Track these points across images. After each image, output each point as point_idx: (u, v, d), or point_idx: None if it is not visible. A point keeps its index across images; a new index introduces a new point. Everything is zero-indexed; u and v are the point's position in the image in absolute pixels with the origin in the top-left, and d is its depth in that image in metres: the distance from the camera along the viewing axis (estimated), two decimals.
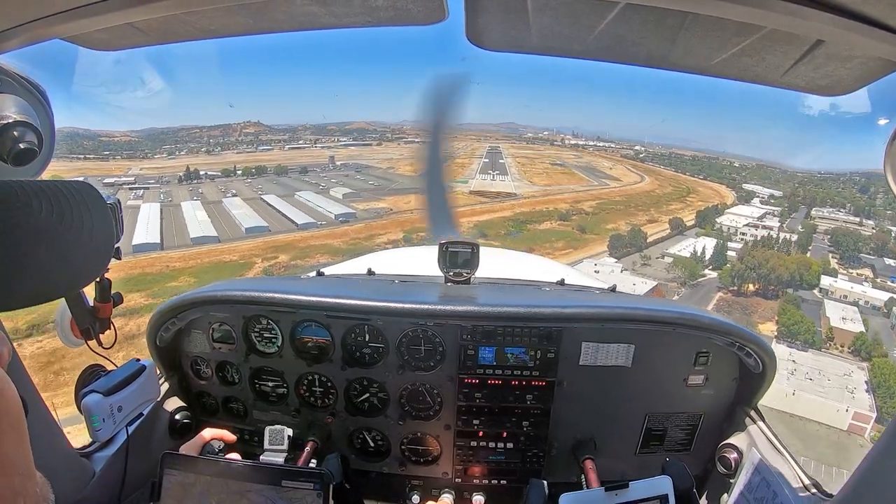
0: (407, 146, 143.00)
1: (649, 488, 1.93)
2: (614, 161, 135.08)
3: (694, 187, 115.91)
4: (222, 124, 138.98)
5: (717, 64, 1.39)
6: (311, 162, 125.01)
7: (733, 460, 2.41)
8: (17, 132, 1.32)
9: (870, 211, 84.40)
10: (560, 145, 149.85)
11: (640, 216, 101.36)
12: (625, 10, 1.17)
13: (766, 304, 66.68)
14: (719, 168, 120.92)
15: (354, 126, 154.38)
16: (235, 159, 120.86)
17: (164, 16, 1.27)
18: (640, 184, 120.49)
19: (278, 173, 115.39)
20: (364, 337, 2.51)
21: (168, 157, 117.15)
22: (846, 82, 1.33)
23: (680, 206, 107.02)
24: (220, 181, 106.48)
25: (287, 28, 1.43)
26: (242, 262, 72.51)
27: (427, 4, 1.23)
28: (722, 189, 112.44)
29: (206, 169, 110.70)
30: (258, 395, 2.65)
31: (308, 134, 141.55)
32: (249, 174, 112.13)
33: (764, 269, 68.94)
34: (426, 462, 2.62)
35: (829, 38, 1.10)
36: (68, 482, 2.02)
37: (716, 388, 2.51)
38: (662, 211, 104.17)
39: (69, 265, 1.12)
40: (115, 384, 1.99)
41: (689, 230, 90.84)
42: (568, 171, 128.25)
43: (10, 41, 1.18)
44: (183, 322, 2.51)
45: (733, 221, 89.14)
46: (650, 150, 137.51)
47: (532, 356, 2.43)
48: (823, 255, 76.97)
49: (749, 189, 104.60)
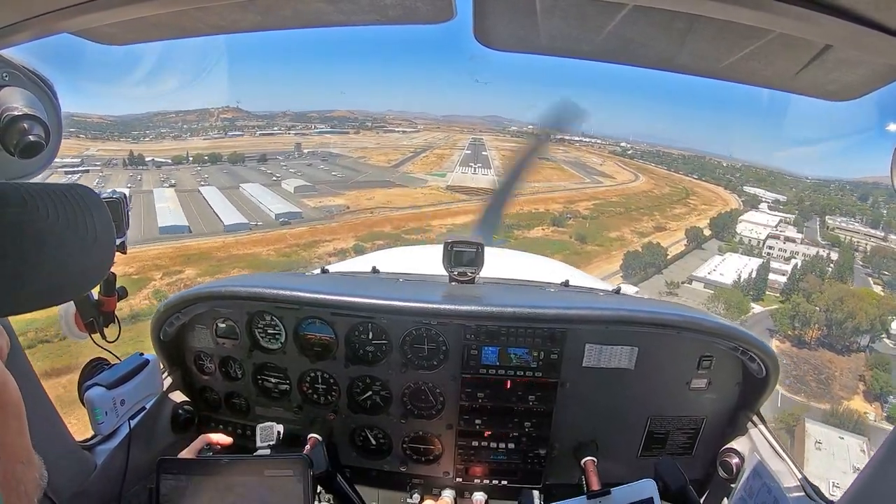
0: (385, 135, 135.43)
1: (633, 493, 1.94)
2: (603, 157, 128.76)
3: (691, 188, 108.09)
4: (199, 109, 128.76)
5: (724, 67, 1.39)
6: (275, 150, 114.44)
7: (735, 465, 2.41)
8: (25, 125, 1.33)
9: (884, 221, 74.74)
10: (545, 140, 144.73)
11: (644, 221, 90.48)
12: (633, 12, 1.17)
13: (839, 362, 50.05)
14: (711, 168, 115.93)
15: (336, 114, 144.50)
16: (201, 145, 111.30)
17: (174, 10, 1.27)
18: (635, 183, 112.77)
19: (233, 161, 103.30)
20: (368, 335, 2.51)
21: (131, 142, 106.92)
22: (854, 87, 1.32)
23: (684, 209, 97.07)
24: (167, 168, 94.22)
25: (295, 25, 1.43)
26: (137, 276, 54.66)
27: (435, 3, 1.23)
28: (720, 191, 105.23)
29: (155, 155, 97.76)
30: (261, 391, 2.66)
31: (287, 121, 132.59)
32: (201, 162, 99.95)
33: (837, 313, 51.08)
34: (427, 461, 2.62)
35: (837, 43, 1.10)
36: (70, 474, 2.03)
37: (718, 393, 2.50)
38: (668, 216, 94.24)
39: (76, 268, 1.13)
40: (118, 378, 2.01)
41: (706, 241, 79.43)
42: (557, 166, 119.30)
43: (20, 34, 1.19)
44: (187, 317, 2.52)
45: (752, 231, 78.85)
46: (637, 147, 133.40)
47: (535, 357, 2.43)
48: (864, 280, 64.10)
49: (752, 193, 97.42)
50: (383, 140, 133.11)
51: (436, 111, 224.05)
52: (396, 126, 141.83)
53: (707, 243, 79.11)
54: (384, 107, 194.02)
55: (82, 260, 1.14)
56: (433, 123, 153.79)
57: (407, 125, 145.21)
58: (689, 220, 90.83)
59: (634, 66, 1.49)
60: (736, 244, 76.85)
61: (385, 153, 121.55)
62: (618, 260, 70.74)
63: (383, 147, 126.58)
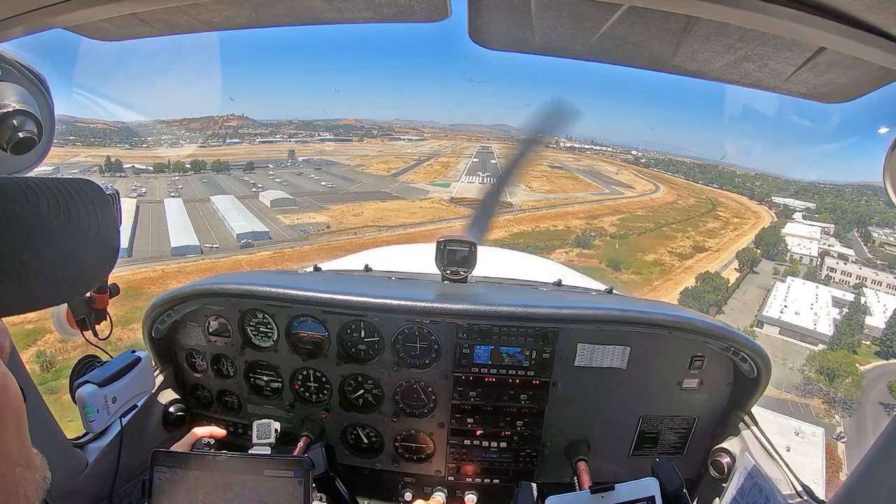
0: (390, 143, 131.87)
1: (635, 490, 1.94)
2: (617, 166, 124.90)
3: (715, 198, 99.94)
4: (204, 116, 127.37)
5: (719, 68, 1.39)
6: (266, 158, 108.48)
7: (726, 465, 2.42)
8: (17, 121, 1.32)
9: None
10: (555, 148, 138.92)
11: (679, 239, 78.55)
12: (628, 13, 1.17)
13: None
14: (729, 177, 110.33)
15: (342, 122, 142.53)
16: (197, 153, 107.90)
17: (167, 7, 1.27)
18: (656, 193, 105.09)
19: (217, 170, 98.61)
20: (360, 333, 2.51)
21: (127, 148, 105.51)
22: (847, 90, 1.33)
23: (717, 223, 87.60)
24: (146, 176, 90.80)
25: (289, 22, 1.43)
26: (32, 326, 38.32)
27: (430, 2, 1.23)
28: (744, 200, 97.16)
29: (136, 162, 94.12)
30: (253, 388, 2.65)
31: (293, 129, 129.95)
32: (181, 170, 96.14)
33: None
34: (419, 459, 2.63)
35: (831, 45, 1.10)
36: (61, 472, 2.02)
37: (710, 393, 2.51)
38: (702, 231, 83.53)
39: (77, 267, 1.09)
40: (109, 375, 2.00)
41: (758, 261, 68.73)
42: (570, 174, 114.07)
43: (13, 29, 1.18)
44: (179, 314, 2.51)
45: (801, 247, 69.91)
46: (648, 155, 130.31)
47: (527, 356, 2.43)
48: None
49: (782, 202, 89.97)
50: (387, 148, 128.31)
51: (444, 119, 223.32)
52: (403, 134, 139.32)
53: (759, 265, 69.23)
54: (391, 115, 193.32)
55: (83, 259, 1.10)
56: (440, 132, 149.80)
57: (414, 133, 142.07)
58: (725, 235, 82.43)
59: (629, 66, 1.49)
60: (794, 264, 67.22)
61: (386, 161, 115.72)
62: (664, 292, 59.46)
63: (385, 155, 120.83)
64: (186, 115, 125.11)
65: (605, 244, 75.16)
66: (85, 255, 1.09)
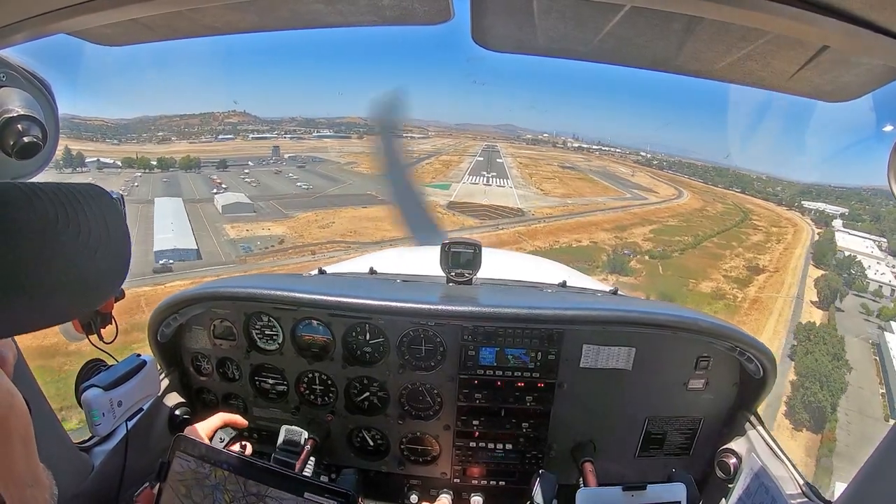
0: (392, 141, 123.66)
1: (665, 493, 1.96)
2: (631, 167, 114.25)
3: (742, 203, 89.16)
4: (203, 113, 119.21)
5: (722, 68, 1.39)
6: (249, 154, 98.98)
7: (732, 465, 2.41)
8: (21, 126, 1.32)
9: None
10: (563, 148, 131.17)
11: (728, 258, 62.83)
12: (630, 13, 1.17)
13: None
14: (749, 181, 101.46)
15: (346, 120, 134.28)
16: (187, 149, 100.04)
17: (170, 12, 1.27)
18: (681, 199, 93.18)
19: (186, 167, 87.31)
20: (365, 336, 2.51)
21: (112, 143, 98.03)
22: (851, 88, 1.32)
23: (759, 235, 72.55)
24: (108, 171, 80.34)
25: (292, 26, 1.43)
26: None
27: (433, 4, 1.23)
28: (772, 206, 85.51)
29: (102, 156, 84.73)
30: (258, 392, 2.65)
31: (294, 126, 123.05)
32: (146, 166, 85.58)
33: None
34: (425, 462, 2.62)
35: (834, 44, 1.10)
36: (67, 476, 2.02)
37: (716, 393, 2.50)
38: (748, 246, 68.36)
39: (89, 280, 1.02)
40: (115, 379, 2.00)
41: (840, 292, 50.92)
42: (584, 176, 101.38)
43: (16, 35, 1.19)
44: (184, 318, 2.52)
45: (875, 272, 53.57)
46: (657, 157, 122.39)
47: (533, 358, 2.43)
48: None
49: (813, 207, 78.91)
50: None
51: (449, 119, 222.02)
52: (405, 132, 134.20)
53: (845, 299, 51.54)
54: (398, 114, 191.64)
55: (95, 271, 1.03)
56: (445, 130, 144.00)
57: (417, 131, 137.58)
58: (773, 250, 68.41)
59: (632, 67, 1.49)
60: (864, 289, 50.80)
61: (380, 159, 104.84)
62: None
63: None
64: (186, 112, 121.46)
65: (644, 266, 59.88)
66: (96, 267, 1.03)
